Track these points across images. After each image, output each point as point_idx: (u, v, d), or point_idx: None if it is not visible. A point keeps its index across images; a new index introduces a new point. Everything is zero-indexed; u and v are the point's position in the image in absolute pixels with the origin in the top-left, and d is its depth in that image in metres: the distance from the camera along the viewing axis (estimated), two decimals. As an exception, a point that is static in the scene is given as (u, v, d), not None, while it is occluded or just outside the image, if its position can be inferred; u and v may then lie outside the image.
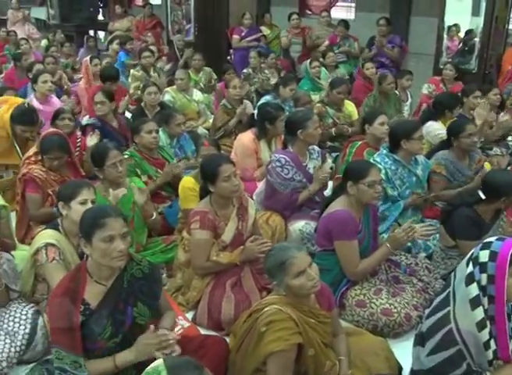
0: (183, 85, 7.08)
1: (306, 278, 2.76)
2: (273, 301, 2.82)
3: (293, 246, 2.88)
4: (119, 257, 2.63)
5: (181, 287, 3.90)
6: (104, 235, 2.60)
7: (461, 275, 2.55)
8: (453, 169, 4.73)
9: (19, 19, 13.64)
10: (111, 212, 2.66)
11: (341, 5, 11.55)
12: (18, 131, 5.18)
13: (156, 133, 4.85)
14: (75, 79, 9.36)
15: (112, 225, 2.62)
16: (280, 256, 2.80)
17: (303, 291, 2.79)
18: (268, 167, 4.56)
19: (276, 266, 2.79)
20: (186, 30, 11.04)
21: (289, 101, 6.59)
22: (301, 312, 2.81)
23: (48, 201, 4.41)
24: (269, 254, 2.91)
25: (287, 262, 2.76)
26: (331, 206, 3.68)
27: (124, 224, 2.68)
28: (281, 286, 2.81)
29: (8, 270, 3.33)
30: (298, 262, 2.76)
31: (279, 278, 2.80)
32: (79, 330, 2.61)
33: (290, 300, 2.82)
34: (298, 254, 2.79)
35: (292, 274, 2.75)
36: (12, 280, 3.37)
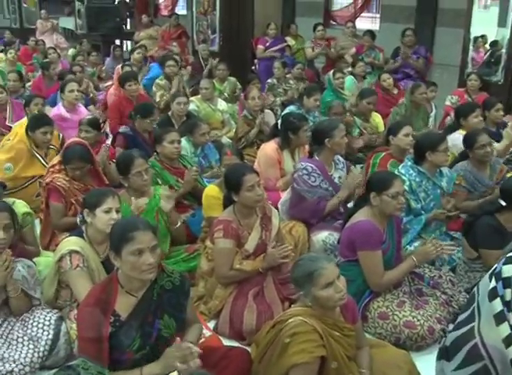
0: (207, 94, 7.12)
1: (334, 290, 2.75)
2: (298, 313, 2.81)
3: (322, 257, 2.88)
4: (148, 270, 2.64)
5: (203, 296, 3.90)
6: (132, 249, 2.61)
7: (484, 290, 2.52)
8: (472, 180, 4.69)
9: (48, 29, 13.86)
10: (139, 226, 2.67)
11: (366, 16, 11.52)
12: (39, 136, 5.31)
13: (178, 143, 4.87)
14: (101, 88, 9.46)
15: (140, 238, 2.62)
16: (309, 266, 2.80)
17: (330, 302, 2.78)
18: (295, 176, 4.56)
19: (304, 276, 2.79)
20: (211, 40, 11.11)
21: (313, 112, 6.58)
22: (326, 325, 2.80)
23: (71, 210, 4.44)
24: (298, 263, 2.90)
25: (316, 272, 2.75)
26: (354, 217, 3.67)
27: (153, 237, 2.68)
28: (308, 296, 2.81)
29: (28, 276, 3.35)
30: (327, 274, 2.76)
31: (306, 288, 2.80)
32: (107, 341, 2.61)
33: (315, 312, 2.81)
34: (327, 265, 2.78)
35: (320, 285, 2.75)
36: (32, 286, 3.38)
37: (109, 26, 13.68)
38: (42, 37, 12.98)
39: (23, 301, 3.33)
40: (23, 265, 3.36)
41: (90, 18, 13.57)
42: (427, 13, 9.43)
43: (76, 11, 14.65)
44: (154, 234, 2.70)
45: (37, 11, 15.92)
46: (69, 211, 4.46)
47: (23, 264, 3.36)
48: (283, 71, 8.30)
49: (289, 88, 8.19)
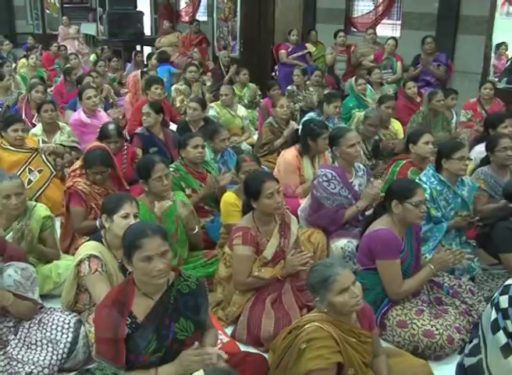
0: (227, 101, 7.15)
1: (349, 296, 2.75)
2: (314, 319, 2.81)
3: (337, 263, 2.87)
4: (158, 275, 2.65)
5: (221, 301, 3.91)
6: (141, 256, 2.63)
7: (487, 321, 2.50)
8: (493, 184, 4.67)
9: (70, 35, 14.01)
10: (148, 232, 2.66)
11: (386, 23, 11.49)
12: (11, 134, 5.54)
13: (202, 148, 4.89)
14: (121, 93, 9.53)
15: (148, 245, 2.63)
16: (324, 272, 2.80)
17: (345, 308, 2.78)
18: (314, 182, 4.54)
19: (320, 282, 2.79)
20: (231, 47, 11.15)
21: (333, 119, 6.58)
22: (342, 331, 2.79)
23: (92, 214, 4.48)
24: (313, 270, 2.91)
25: (331, 278, 2.75)
26: (373, 225, 3.65)
27: (162, 242, 2.67)
28: (323, 302, 2.80)
29: (22, 280, 3.33)
30: (342, 279, 2.75)
31: (321, 294, 2.80)
32: (123, 342, 2.63)
33: (331, 318, 2.81)
34: (342, 271, 2.78)
35: (335, 291, 2.75)
36: (29, 288, 3.38)
37: (130, 32, 13.78)
38: (64, 43, 13.12)
39: (22, 306, 3.32)
40: (15, 269, 3.32)
41: (111, 24, 13.69)
42: (448, 20, 9.38)
43: (97, 17, 14.80)
44: (164, 239, 2.69)
45: (59, 17, 16.11)
46: (89, 215, 4.50)
47: (15, 268, 3.32)
48: (303, 78, 8.30)
49: (308, 95, 8.18)
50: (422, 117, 6.71)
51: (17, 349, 3.25)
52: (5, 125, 5.60)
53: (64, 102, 8.16)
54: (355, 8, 11.83)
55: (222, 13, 11.33)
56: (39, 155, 5.68)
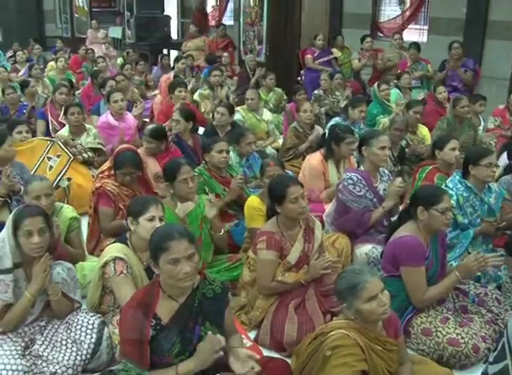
0: (253, 105, 7.17)
1: (377, 304, 2.73)
2: (340, 326, 2.80)
3: (366, 270, 2.86)
4: (185, 278, 2.66)
5: (245, 305, 3.91)
6: (168, 258, 2.64)
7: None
8: (517, 193, 4.60)
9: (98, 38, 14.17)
10: (175, 235, 2.68)
11: (413, 28, 11.41)
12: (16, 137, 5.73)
13: (227, 153, 4.90)
14: (148, 96, 9.60)
15: (175, 248, 2.65)
16: (353, 279, 2.79)
17: (372, 316, 2.76)
18: (339, 186, 4.53)
19: (348, 289, 2.78)
20: (257, 51, 11.17)
21: (358, 123, 6.55)
22: (368, 339, 2.78)
23: (119, 216, 4.50)
24: (341, 276, 2.90)
25: (359, 285, 2.74)
26: (398, 231, 3.63)
27: (189, 245, 2.69)
28: (350, 309, 2.79)
29: (68, 279, 3.40)
30: (371, 287, 2.74)
31: (349, 301, 2.78)
32: (148, 343, 2.65)
33: (358, 325, 2.79)
34: (371, 278, 2.77)
35: (363, 298, 2.73)
36: (72, 288, 3.44)
37: (157, 36, 13.90)
38: (92, 46, 13.26)
39: (63, 303, 3.38)
40: (63, 267, 3.40)
41: (138, 28, 13.83)
42: (476, 25, 9.28)
43: (125, 21, 14.94)
44: (190, 242, 2.71)
45: (87, 21, 16.28)
46: (117, 216, 4.53)
47: (63, 267, 3.41)
48: (330, 83, 8.28)
49: (335, 100, 8.16)
50: (447, 123, 6.64)
51: (43, 347, 3.30)
52: (9, 129, 5.74)
53: (91, 105, 8.24)
54: (382, 13, 11.78)
55: (249, 17, 11.37)
56: (56, 143, 5.91)
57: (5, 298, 3.24)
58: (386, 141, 4.57)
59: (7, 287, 3.24)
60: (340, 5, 11.83)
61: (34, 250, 3.22)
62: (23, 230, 3.20)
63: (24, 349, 3.28)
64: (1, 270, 3.24)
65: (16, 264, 3.27)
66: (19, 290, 3.28)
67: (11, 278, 3.24)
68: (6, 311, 3.26)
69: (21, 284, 3.29)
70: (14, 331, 3.32)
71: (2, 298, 3.24)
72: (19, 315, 3.28)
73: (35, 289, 3.24)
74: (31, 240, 3.20)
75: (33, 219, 3.22)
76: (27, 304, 3.26)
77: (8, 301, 3.24)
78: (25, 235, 3.20)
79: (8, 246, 3.24)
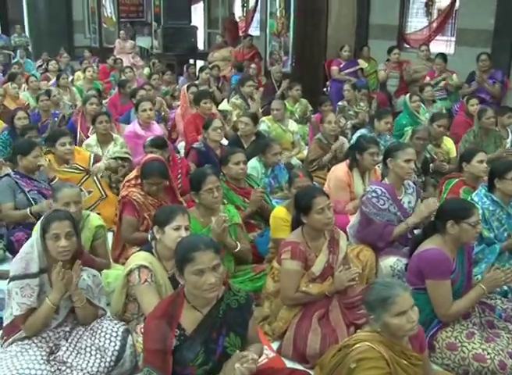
0: (278, 115, 7.18)
1: (406, 319, 2.72)
2: (365, 338, 2.78)
3: (398, 284, 2.84)
4: (210, 289, 2.68)
5: (268, 316, 3.90)
6: (193, 269, 2.66)
7: None
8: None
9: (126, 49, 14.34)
10: (200, 246, 2.70)
11: (440, 39, 11.36)
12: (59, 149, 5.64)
13: (244, 164, 4.90)
14: (173, 106, 9.67)
15: (201, 259, 2.66)
16: (384, 292, 2.77)
17: (400, 331, 2.74)
18: (363, 198, 4.50)
19: (378, 301, 2.76)
20: (283, 62, 11.19)
21: (384, 135, 6.53)
22: (393, 352, 2.76)
23: (144, 225, 4.52)
24: (373, 287, 2.89)
25: (390, 299, 2.73)
26: (423, 244, 3.59)
27: (215, 256, 2.70)
28: (378, 321, 2.78)
29: (93, 286, 3.44)
30: (401, 302, 2.72)
31: (377, 313, 2.77)
32: (171, 353, 2.66)
33: (383, 338, 2.77)
34: (403, 293, 2.75)
35: (392, 312, 2.72)
36: (97, 295, 3.47)
37: (184, 46, 13.99)
38: (120, 56, 13.42)
39: (88, 310, 3.41)
40: (89, 274, 3.44)
41: (165, 38, 13.94)
42: (505, 37, 9.19)
43: (152, 31, 15.09)
44: (216, 253, 2.72)
45: (115, 31, 16.49)
46: (141, 225, 4.54)
47: (89, 273, 3.45)
48: (354, 93, 8.25)
49: (360, 111, 8.14)
50: (474, 135, 6.59)
51: (68, 353, 3.33)
52: (53, 141, 5.71)
53: (118, 114, 8.31)
54: (408, 24, 11.75)
55: (275, 28, 11.40)
56: (91, 176, 5.74)
57: (29, 302, 3.28)
58: (412, 153, 4.54)
59: (32, 291, 3.28)
60: (367, 17, 11.80)
61: (61, 253, 3.26)
62: (51, 233, 3.25)
63: (49, 355, 3.31)
64: (28, 275, 3.28)
65: (42, 269, 3.32)
66: (44, 294, 3.32)
67: (37, 283, 3.29)
68: (29, 315, 3.29)
69: (46, 289, 3.34)
70: (38, 336, 3.36)
71: (26, 303, 3.28)
72: (40, 321, 3.31)
73: (56, 297, 3.28)
74: (58, 243, 3.25)
75: (60, 223, 3.27)
76: (49, 311, 3.30)
77: (32, 305, 3.28)
78: (52, 238, 3.25)
79: (36, 251, 3.29)
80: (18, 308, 3.29)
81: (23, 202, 4.92)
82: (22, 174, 5.03)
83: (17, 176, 5.00)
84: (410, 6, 11.71)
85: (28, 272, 3.29)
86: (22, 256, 3.35)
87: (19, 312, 3.29)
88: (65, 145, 5.64)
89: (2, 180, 4.98)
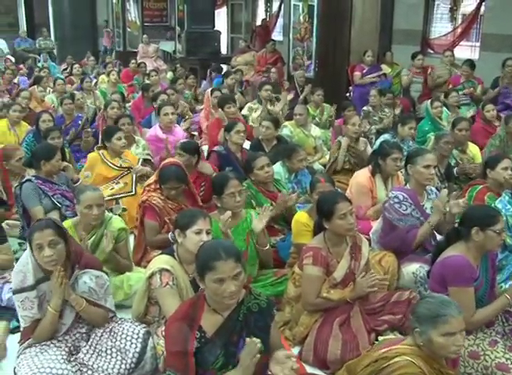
0: (301, 120, 7.18)
1: (452, 341, 2.68)
2: (404, 351, 2.75)
3: (453, 304, 2.78)
4: (229, 297, 2.68)
5: (289, 321, 3.89)
6: (214, 278, 2.66)
7: None
8: None
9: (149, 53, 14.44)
10: (222, 255, 2.68)
11: (465, 45, 11.28)
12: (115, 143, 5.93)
13: (268, 167, 4.90)
14: (197, 110, 9.71)
15: (222, 268, 2.66)
16: (437, 308, 2.73)
17: (443, 351, 2.71)
18: (385, 204, 4.48)
19: (429, 316, 2.73)
20: (306, 66, 11.18)
21: (407, 141, 6.49)
22: (431, 368, 2.72)
23: (165, 229, 4.54)
24: (427, 300, 2.85)
25: (443, 318, 2.69)
26: (447, 251, 3.56)
27: (236, 265, 2.69)
28: (422, 336, 2.74)
29: (96, 287, 3.42)
30: (453, 323, 2.69)
31: (425, 327, 2.73)
32: (192, 356, 2.67)
33: (423, 353, 2.74)
34: (457, 315, 2.71)
35: (441, 331, 2.68)
36: (102, 296, 3.46)
37: (207, 50, 14.05)
38: (143, 60, 13.51)
39: (93, 312, 3.40)
40: (91, 276, 3.41)
41: (189, 42, 14.01)
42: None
43: (176, 36, 15.19)
44: (237, 261, 2.71)
45: (139, 35, 16.62)
46: (162, 229, 4.57)
47: (90, 275, 3.42)
48: (379, 99, 8.21)
49: (384, 117, 8.10)
50: (500, 140, 6.52)
51: (88, 355, 3.34)
52: (109, 136, 5.92)
53: (141, 117, 8.38)
54: (433, 29, 11.70)
55: (298, 33, 11.40)
56: (131, 173, 5.93)
57: (31, 314, 3.31)
58: (432, 159, 4.51)
59: (32, 303, 3.30)
60: (391, 22, 11.79)
61: (48, 263, 3.25)
62: (34, 244, 3.23)
63: (68, 355, 3.33)
64: (25, 288, 3.30)
65: (40, 279, 3.32)
66: (47, 303, 3.33)
67: (34, 294, 3.30)
68: (36, 326, 3.32)
69: (49, 298, 3.34)
70: (54, 339, 3.38)
71: (28, 315, 3.31)
72: (47, 328, 3.33)
73: (56, 304, 3.29)
74: (43, 253, 3.22)
75: (41, 232, 3.23)
76: (52, 318, 3.31)
77: (34, 316, 3.31)
78: (37, 249, 3.24)
79: (30, 263, 3.30)
80: (23, 320, 3.35)
81: (49, 207, 4.94)
82: (43, 179, 5.02)
83: (39, 181, 4.98)
84: (434, 11, 11.68)
85: (25, 285, 3.30)
86: (19, 269, 3.36)
87: (24, 324, 3.35)
88: (121, 139, 5.93)
89: (25, 185, 4.95)
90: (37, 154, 5.14)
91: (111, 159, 5.90)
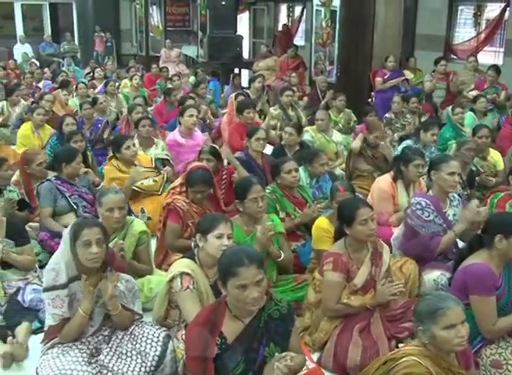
0: (323, 125, 7.16)
1: (455, 333, 2.68)
2: (412, 352, 2.75)
3: (451, 298, 2.81)
4: (252, 303, 2.68)
5: (309, 327, 3.89)
6: (236, 284, 2.67)
7: None
8: None
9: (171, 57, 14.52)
10: (244, 261, 2.69)
11: (488, 50, 11.20)
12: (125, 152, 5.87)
13: (295, 171, 4.90)
14: (218, 114, 9.73)
15: (244, 275, 2.66)
16: (436, 303, 2.75)
17: (447, 345, 2.70)
18: (408, 211, 4.46)
19: (428, 312, 2.74)
20: (328, 72, 11.17)
21: (430, 147, 6.45)
22: (440, 368, 2.71)
23: (187, 232, 4.55)
24: (424, 298, 2.87)
25: (441, 311, 2.70)
26: (469, 259, 3.53)
27: (258, 271, 2.70)
28: (426, 333, 2.75)
29: (126, 291, 3.45)
30: (452, 315, 2.70)
31: (426, 325, 2.74)
32: (212, 361, 2.67)
33: (430, 353, 2.73)
34: (454, 306, 2.73)
35: (442, 325, 2.68)
36: (131, 300, 3.49)
37: (229, 55, 14.09)
38: (165, 65, 13.60)
39: (124, 316, 3.43)
40: (121, 280, 3.45)
41: (211, 47, 14.05)
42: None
43: (198, 40, 15.26)
44: (259, 268, 2.71)
45: (162, 40, 16.74)
46: (184, 232, 4.57)
47: (121, 279, 3.45)
48: (402, 105, 8.17)
49: (406, 123, 8.06)
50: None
51: (108, 357, 3.36)
52: (117, 146, 5.88)
53: (163, 122, 8.43)
54: (456, 34, 11.62)
55: (320, 38, 11.39)
56: (162, 174, 6.05)
57: (60, 312, 3.33)
58: (456, 166, 4.46)
59: (62, 302, 3.33)
60: (413, 27, 11.75)
61: (92, 260, 3.28)
62: (82, 240, 3.26)
63: (89, 357, 3.36)
64: (57, 286, 3.32)
65: (72, 278, 3.35)
66: (77, 302, 3.36)
67: (66, 293, 3.32)
68: (64, 324, 3.34)
69: (79, 296, 3.37)
70: (78, 341, 3.40)
71: (58, 313, 3.33)
72: (75, 329, 3.36)
73: (86, 307, 3.32)
74: (90, 250, 3.25)
75: (90, 229, 3.28)
76: (82, 320, 3.34)
77: (64, 315, 3.33)
78: (83, 245, 3.26)
79: (63, 261, 3.32)
80: (51, 318, 3.37)
81: (65, 207, 4.99)
82: (63, 180, 5.08)
83: (58, 182, 5.05)
84: (458, 16, 11.61)
85: (57, 283, 3.32)
86: (52, 267, 3.38)
87: (52, 322, 3.36)
88: (130, 148, 5.88)
89: (44, 184, 5.04)
90: (58, 156, 5.21)
91: (127, 169, 5.88)
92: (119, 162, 5.89)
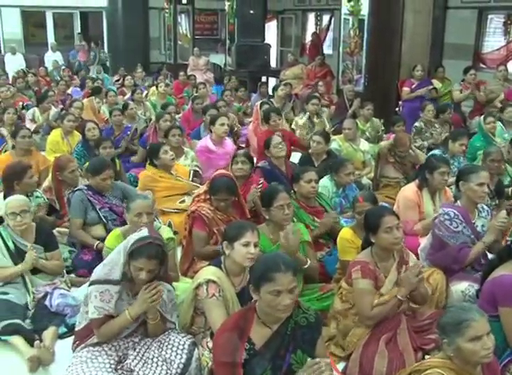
0: (350, 134, 7.14)
1: (481, 345, 2.65)
2: (437, 364, 2.73)
3: (475, 309, 2.79)
4: (284, 310, 2.69)
5: (334, 336, 3.87)
6: (271, 289, 2.68)
7: None
8: None
9: (199, 65, 14.61)
10: (281, 267, 2.71)
11: (518, 59, 11.09)
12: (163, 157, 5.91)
13: (315, 182, 4.87)
14: (245, 122, 9.76)
15: (280, 280, 2.67)
16: (460, 315, 2.73)
17: (473, 357, 2.67)
18: (435, 221, 4.42)
19: (452, 324, 2.72)
20: (355, 80, 11.13)
21: (458, 157, 6.39)
22: (466, 381, 2.68)
23: (213, 240, 4.56)
24: (448, 310, 2.86)
25: (466, 323, 2.67)
26: (497, 270, 3.49)
27: (293, 279, 2.71)
28: (451, 346, 2.72)
29: (166, 300, 3.48)
30: (477, 327, 2.67)
31: (451, 337, 2.72)
32: (241, 367, 2.68)
33: (455, 366, 2.70)
34: (479, 318, 2.70)
35: (467, 337, 2.66)
36: (169, 310, 3.51)
37: (257, 63, 14.14)
38: (193, 73, 13.68)
39: (159, 326, 3.46)
40: (164, 289, 3.46)
41: (239, 55, 14.12)
42: None
43: (226, 49, 15.35)
44: (294, 275, 2.73)
45: (190, 48, 16.85)
46: (210, 240, 4.58)
47: (164, 288, 3.46)
48: (433, 115, 8.11)
49: (435, 133, 7.99)
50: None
51: (135, 363, 3.38)
52: (155, 153, 5.91)
53: (191, 129, 8.47)
54: (485, 43, 11.53)
55: (348, 47, 11.35)
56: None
57: (107, 307, 3.35)
58: (486, 177, 4.42)
59: (111, 297, 3.36)
60: (442, 36, 11.67)
61: (141, 283, 3.33)
62: (136, 266, 3.28)
63: (117, 363, 3.39)
64: (110, 280, 3.36)
65: (123, 277, 3.38)
66: (120, 302, 3.40)
67: (117, 289, 3.36)
68: (105, 321, 3.37)
69: (124, 297, 3.41)
70: (109, 343, 3.44)
71: (104, 307, 3.35)
72: (115, 329, 3.40)
73: (137, 313, 3.35)
74: (140, 276, 3.29)
75: (149, 261, 3.29)
76: (125, 323, 3.38)
77: (109, 310, 3.36)
78: (136, 270, 3.30)
79: (122, 259, 3.36)
80: (95, 311, 3.37)
81: (95, 219, 4.99)
82: (94, 190, 5.06)
83: (90, 193, 5.03)
84: (487, 25, 11.50)
85: (110, 278, 3.36)
86: (108, 262, 3.44)
87: (95, 315, 3.37)
88: (168, 152, 5.91)
89: (76, 194, 5.04)
90: (88, 168, 5.22)
91: (165, 175, 5.92)
92: (157, 171, 5.91)
